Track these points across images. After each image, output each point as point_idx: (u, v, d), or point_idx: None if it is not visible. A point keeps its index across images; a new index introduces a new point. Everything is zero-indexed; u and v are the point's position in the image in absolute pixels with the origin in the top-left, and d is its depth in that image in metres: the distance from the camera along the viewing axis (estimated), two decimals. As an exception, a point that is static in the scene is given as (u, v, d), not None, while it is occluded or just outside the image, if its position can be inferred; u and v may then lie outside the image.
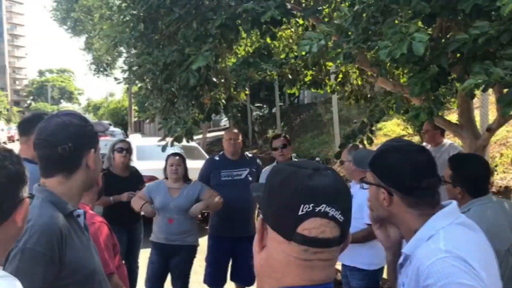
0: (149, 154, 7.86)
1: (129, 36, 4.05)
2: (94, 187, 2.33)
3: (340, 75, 5.44)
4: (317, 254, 0.92)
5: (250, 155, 5.04)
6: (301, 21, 5.26)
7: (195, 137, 4.72)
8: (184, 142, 4.28)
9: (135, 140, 10.01)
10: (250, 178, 4.59)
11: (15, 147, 1.42)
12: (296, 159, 4.64)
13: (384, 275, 3.77)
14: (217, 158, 4.80)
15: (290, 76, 5.49)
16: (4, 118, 50.47)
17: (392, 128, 10.93)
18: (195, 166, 5.26)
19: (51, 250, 1.47)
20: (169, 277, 4.31)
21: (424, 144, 4.85)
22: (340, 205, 0.93)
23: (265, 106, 20.51)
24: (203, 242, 4.56)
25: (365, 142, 4.52)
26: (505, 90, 2.35)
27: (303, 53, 2.84)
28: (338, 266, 3.76)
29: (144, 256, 4.53)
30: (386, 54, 2.35)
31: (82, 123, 1.67)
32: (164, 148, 4.22)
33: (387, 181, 1.48)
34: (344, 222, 0.93)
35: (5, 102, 58.54)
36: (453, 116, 7.49)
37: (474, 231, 1.44)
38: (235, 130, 4.86)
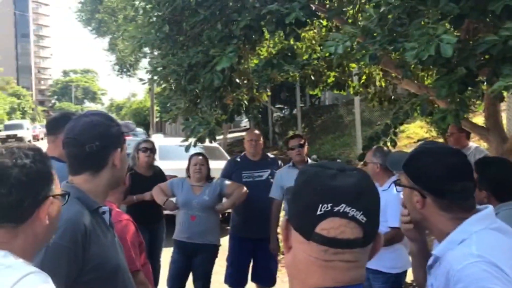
0: (171, 154, 7.93)
1: (154, 38, 4.09)
2: (120, 186, 2.37)
3: (364, 77, 5.41)
4: (338, 255, 0.92)
5: (271, 156, 5.05)
6: (324, 22, 5.24)
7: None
8: (206, 143, 4.32)
9: (158, 140, 10.11)
10: (272, 180, 4.59)
11: (41, 146, 1.47)
12: (316, 161, 4.63)
13: (407, 279, 3.74)
14: (238, 159, 4.82)
15: (312, 77, 5.48)
16: (29, 117, 51.49)
17: (415, 130, 10.81)
18: (216, 166, 5.29)
19: (75, 245, 1.50)
20: (190, 277, 4.34)
21: (449, 147, 4.78)
22: (363, 205, 0.92)
23: (286, 107, 20.48)
24: (223, 242, 4.58)
25: (389, 144, 4.48)
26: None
27: (327, 54, 2.83)
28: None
29: (166, 255, 4.57)
30: (412, 56, 2.33)
31: (109, 123, 1.71)
32: (187, 148, 4.26)
33: (420, 183, 1.47)
34: (367, 223, 0.92)
35: (31, 101, 59.72)
36: (478, 119, 7.37)
37: (509, 237, 1.42)
38: (256, 131, 4.87)
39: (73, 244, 1.50)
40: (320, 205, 0.91)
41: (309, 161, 4.54)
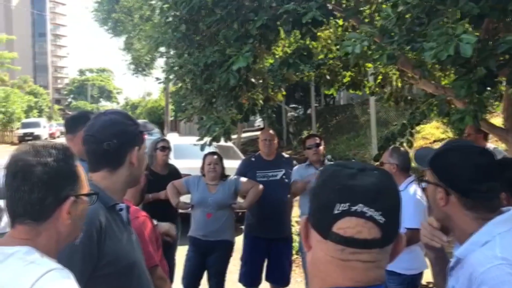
0: (186, 153, 7.96)
1: (171, 37, 4.12)
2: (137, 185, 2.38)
3: (380, 77, 5.38)
4: (356, 255, 0.91)
5: (286, 156, 5.04)
6: (340, 22, 5.23)
7: (229, 137, 4.77)
8: (221, 142, 4.34)
9: (173, 139, 10.16)
10: (286, 180, 4.58)
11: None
12: (331, 161, 4.61)
13: (423, 281, 3.71)
14: (253, 159, 4.82)
15: (328, 77, 5.47)
16: (46, 116, 52.12)
17: (431, 131, 10.71)
18: (230, 165, 5.30)
19: (90, 240, 1.52)
20: (205, 275, 4.35)
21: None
22: (381, 205, 0.91)
23: (300, 107, 20.45)
24: (237, 241, 4.59)
25: (405, 144, 4.45)
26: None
27: (344, 53, 2.82)
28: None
29: (181, 253, 4.58)
30: (431, 56, 2.32)
31: (128, 121, 1.74)
32: (203, 147, 4.29)
33: (446, 180, 1.45)
34: (386, 223, 0.91)
35: (47, 100, 60.45)
36: (495, 120, 7.27)
37: None
38: (271, 131, 4.87)
39: (88, 240, 1.51)
40: (338, 204, 0.91)
41: (326, 161, 4.52)
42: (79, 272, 1.47)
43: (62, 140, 2.84)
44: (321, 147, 4.45)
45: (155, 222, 2.82)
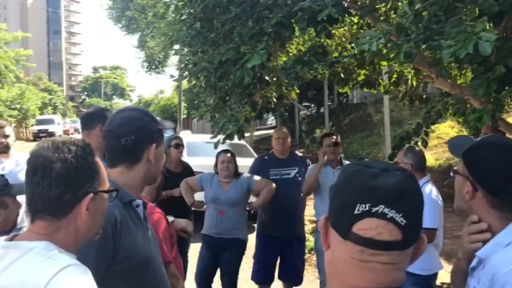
0: (198, 151, 7.99)
1: (185, 35, 4.12)
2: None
3: (395, 75, 5.34)
4: (376, 257, 0.90)
5: (300, 154, 5.02)
6: (355, 20, 5.19)
7: (241, 135, 4.77)
8: (234, 140, 4.33)
9: (186, 136, 10.20)
10: (299, 178, 4.57)
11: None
12: (344, 160, 4.58)
13: (437, 282, 3.67)
14: (266, 157, 4.82)
15: (342, 75, 5.44)
16: (60, 113, 52.62)
17: (446, 130, 10.62)
18: (243, 163, 5.30)
19: (105, 235, 1.51)
20: (218, 273, 4.36)
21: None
22: (403, 207, 0.89)
23: (313, 105, 20.39)
24: (250, 239, 4.58)
25: (420, 144, 4.41)
26: None
27: (360, 51, 2.79)
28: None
29: (194, 250, 4.60)
30: (449, 54, 2.28)
31: (147, 118, 1.75)
32: (216, 145, 4.29)
33: (475, 175, 1.41)
34: (407, 225, 0.89)
35: (62, 97, 60.96)
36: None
37: None
38: (284, 129, 4.86)
39: (103, 235, 1.51)
40: (358, 205, 0.90)
41: (343, 160, 4.47)
42: (94, 267, 1.48)
43: (77, 137, 2.86)
44: (339, 147, 4.39)
45: (172, 218, 2.83)
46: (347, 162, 4.33)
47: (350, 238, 0.91)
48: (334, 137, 4.43)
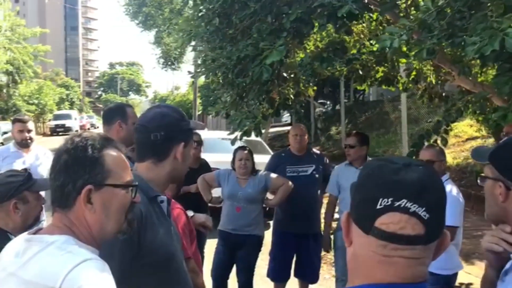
0: (214, 147, 8.00)
1: (204, 31, 4.11)
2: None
3: (414, 73, 5.26)
4: (398, 251, 0.90)
5: (317, 152, 4.99)
6: (374, 16, 5.13)
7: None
8: (252, 137, 4.32)
9: (201, 133, 10.21)
10: (316, 175, 4.55)
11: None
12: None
13: (457, 282, 3.62)
14: (283, 154, 4.80)
15: (360, 72, 5.38)
16: (77, 108, 53.19)
17: (464, 129, 10.47)
18: (258, 160, 5.28)
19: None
20: (234, 269, 4.36)
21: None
22: (426, 201, 0.89)
23: (328, 102, 20.28)
24: (265, 237, 4.57)
25: (439, 142, 4.35)
26: None
27: (382, 47, 2.76)
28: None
29: (210, 246, 4.60)
30: (474, 51, 2.24)
31: (179, 117, 1.77)
32: (233, 142, 4.28)
33: (507, 174, 1.38)
34: (430, 220, 0.89)
35: (78, 92, 61.63)
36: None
37: None
38: (302, 126, 4.83)
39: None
40: (381, 199, 0.90)
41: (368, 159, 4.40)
42: (118, 260, 1.49)
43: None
44: (360, 147, 4.25)
45: (191, 213, 2.83)
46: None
47: (372, 233, 0.91)
48: (354, 138, 4.32)
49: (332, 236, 4.63)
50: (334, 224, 4.70)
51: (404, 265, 0.90)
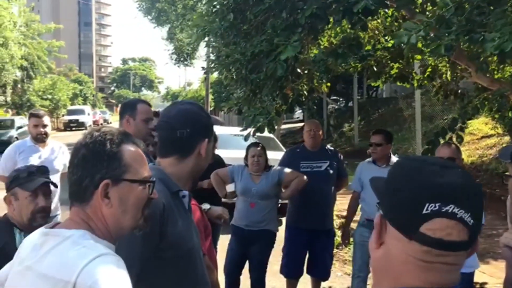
0: (226, 143, 8.01)
1: (218, 26, 4.10)
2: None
3: (429, 69, 5.21)
4: (440, 257, 0.87)
5: (332, 148, 4.97)
6: (390, 12, 5.08)
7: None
8: (265, 133, 4.31)
9: (214, 129, 10.22)
10: (331, 171, 4.53)
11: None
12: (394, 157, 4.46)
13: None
14: (297, 150, 4.79)
15: (375, 69, 5.33)
16: (90, 103, 53.62)
17: (479, 127, 10.36)
18: (270, 157, 5.27)
19: (153, 221, 1.51)
20: (246, 265, 4.37)
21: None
22: (471, 206, 0.86)
23: (341, 99, 20.19)
24: (278, 233, 4.57)
25: (455, 140, 4.30)
26: None
27: (398, 43, 2.72)
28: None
29: (223, 242, 4.61)
30: (493, 47, 2.21)
31: (203, 113, 1.80)
32: (247, 138, 4.27)
33: None
34: (473, 225, 0.87)
35: (92, 88, 62.07)
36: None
37: None
38: (316, 122, 4.81)
39: (150, 221, 1.53)
40: (427, 204, 0.86)
41: (393, 158, 4.26)
42: (140, 253, 1.50)
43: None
44: (383, 146, 4.16)
45: (208, 206, 2.82)
46: (396, 159, 4.19)
47: (416, 238, 0.87)
48: (378, 136, 4.23)
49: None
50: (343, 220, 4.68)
51: (444, 271, 0.88)
